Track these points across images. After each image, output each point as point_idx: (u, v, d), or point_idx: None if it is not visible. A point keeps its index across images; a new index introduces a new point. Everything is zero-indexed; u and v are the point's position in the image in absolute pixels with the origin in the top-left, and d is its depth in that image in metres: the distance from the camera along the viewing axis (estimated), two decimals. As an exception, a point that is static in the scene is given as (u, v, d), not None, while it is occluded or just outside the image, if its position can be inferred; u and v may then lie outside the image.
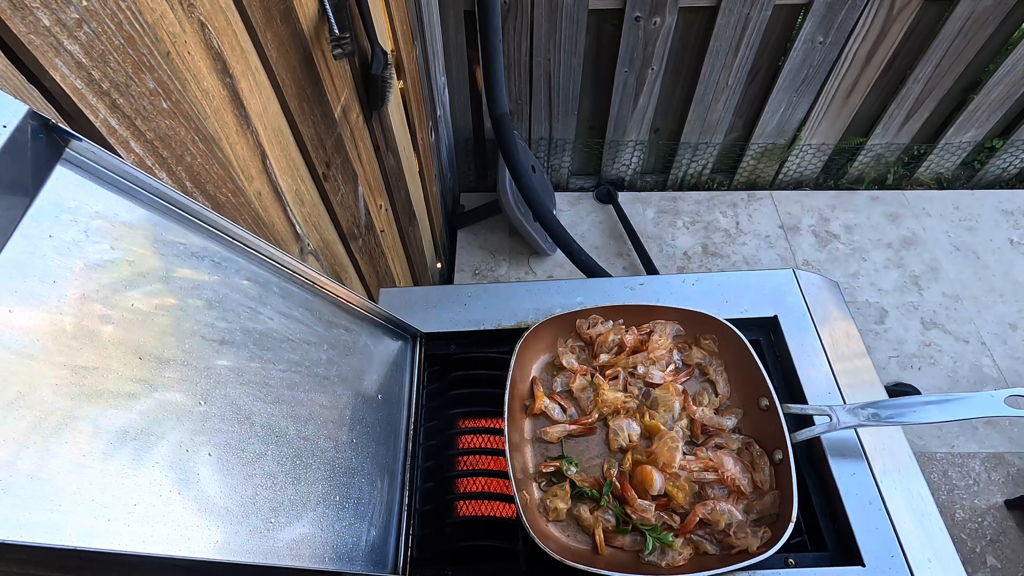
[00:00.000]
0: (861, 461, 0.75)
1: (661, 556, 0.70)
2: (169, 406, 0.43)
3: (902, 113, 2.17)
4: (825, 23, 1.86)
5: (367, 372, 0.71)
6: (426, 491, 0.77)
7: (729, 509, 0.71)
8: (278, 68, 0.75)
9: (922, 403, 0.71)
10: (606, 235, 2.27)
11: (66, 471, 0.35)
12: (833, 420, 0.74)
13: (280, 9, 0.73)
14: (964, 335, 1.97)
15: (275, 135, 0.77)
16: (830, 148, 2.31)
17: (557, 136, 2.23)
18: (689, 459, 0.76)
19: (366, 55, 1.01)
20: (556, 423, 0.82)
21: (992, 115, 2.18)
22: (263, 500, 0.50)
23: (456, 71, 1.99)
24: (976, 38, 1.91)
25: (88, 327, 0.39)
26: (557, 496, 0.75)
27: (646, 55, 1.94)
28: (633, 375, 0.87)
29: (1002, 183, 2.45)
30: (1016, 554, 1.54)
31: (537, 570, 0.71)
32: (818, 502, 0.74)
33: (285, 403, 0.55)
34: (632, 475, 0.76)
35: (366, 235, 1.17)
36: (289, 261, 0.59)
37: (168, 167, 0.55)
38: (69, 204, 0.40)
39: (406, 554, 0.69)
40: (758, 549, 0.67)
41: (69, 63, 0.43)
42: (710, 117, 2.16)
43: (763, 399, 0.79)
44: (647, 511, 0.72)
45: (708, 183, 2.44)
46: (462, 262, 2.20)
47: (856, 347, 0.88)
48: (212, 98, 0.61)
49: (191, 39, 0.57)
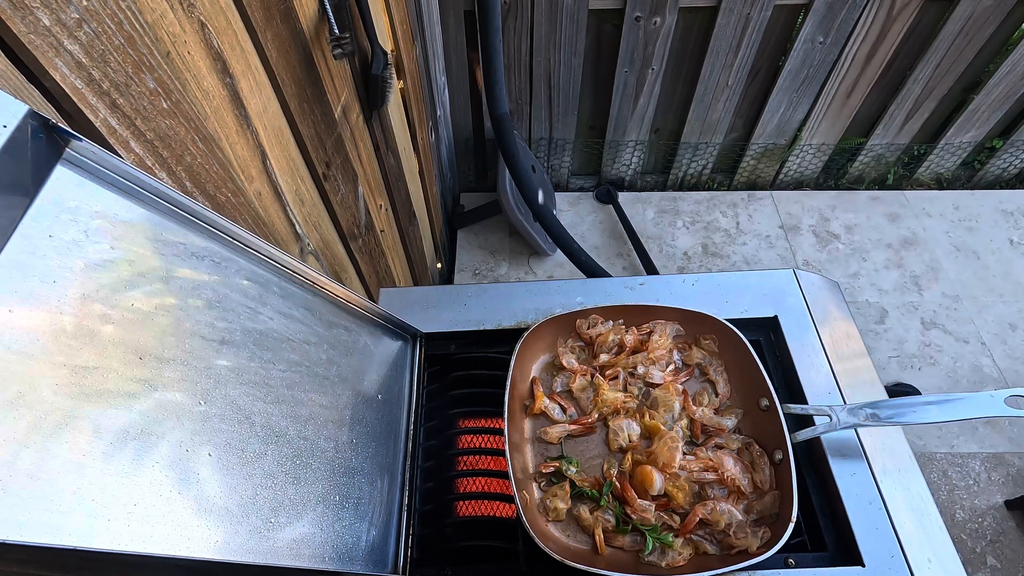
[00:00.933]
0: (861, 461, 0.75)
1: (661, 556, 0.70)
2: (169, 406, 0.43)
3: (902, 113, 2.17)
4: (825, 23, 1.86)
5: (367, 372, 0.71)
6: (426, 491, 0.77)
7: (729, 509, 0.71)
8: (278, 68, 0.75)
9: (922, 403, 0.71)
10: (606, 235, 2.27)
11: (66, 471, 0.35)
12: (833, 420, 0.74)
13: (280, 9, 0.73)
14: (964, 335, 1.97)
15: (275, 135, 0.77)
16: (830, 148, 2.31)
17: (557, 136, 2.23)
18: (689, 459, 0.76)
19: (366, 55, 1.01)
20: (556, 423, 0.82)
21: (992, 115, 2.18)
22: (263, 500, 0.50)
23: (456, 71, 1.99)
24: (976, 38, 1.91)
25: (88, 327, 0.39)
26: (557, 496, 0.75)
27: (646, 55, 1.94)
28: (633, 375, 0.87)
29: (1002, 183, 2.45)
30: (1016, 554, 1.54)
31: (537, 570, 0.71)
32: (818, 502, 0.74)
33: (285, 403, 0.55)
34: (632, 475, 0.76)
35: (366, 235, 1.17)
36: (289, 261, 0.59)
37: (168, 167, 0.55)
38: (69, 204, 0.40)
39: (406, 554, 0.69)
40: (758, 549, 0.67)
41: (69, 63, 0.43)
42: (710, 117, 2.16)
43: (763, 399, 0.79)
44: (647, 511, 0.72)
45: (708, 183, 2.44)
46: (462, 262, 2.20)
47: (856, 347, 0.88)
48: (212, 98, 0.61)
49: (191, 39, 0.57)
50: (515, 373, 0.81)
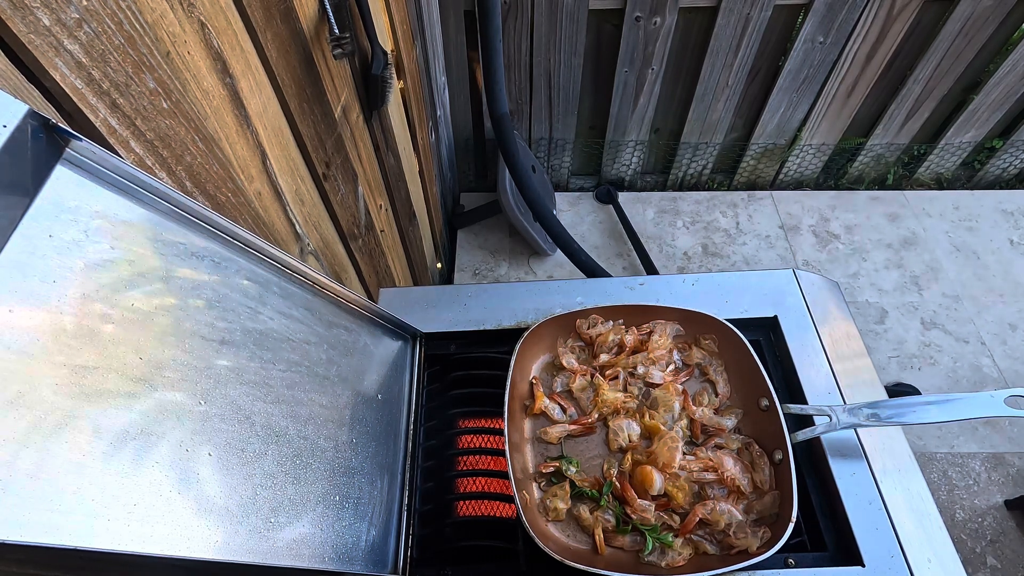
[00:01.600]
0: (861, 461, 0.75)
1: (661, 556, 0.70)
2: (169, 406, 0.43)
3: (902, 113, 2.17)
4: (825, 23, 1.86)
5: (367, 372, 0.71)
6: (426, 491, 0.77)
7: (729, 509, 0.71)
8: (278, 68, 0.75)
9: (922, 403, 0.71)
10: (606, 235, 2.27)
11: (66, 471, 0.35)
12: (833, 420, 0.74)
13: (280, 9, 0.73)
14: (964, 335, 1.97)
15: (275, 135, 0.77)
16: (830, 148, 2.31)
17: (557, 136, 2.23)
18: (689, 459, 0.76)
19: (366, 55, 1.01)
20: (556, 423, 0.82)
21: (992, 115, 2.18)
22: (263, 500, 0.50)
23: (456, 71, 1.99)
24: (976, 38, 1.91)
25: (88, 327, 0.39)
26: (557, 496, 0.75)
27: (646, 55, 1.94)
28: (633, 375, 0.87)
29: (1002, 183, 2.45)
30: (1016, 554, 1.54)
31: (537, 570, 0.71)
32: (818, 502, 0.74)
33: (285, 403, 0.55)
34: (632, 475, 0.76)
35: (366, 235, 1.17)
36: (289, 261, 0.59)
37: (168, 167, 0.55)
38: (69, 204, 0.40)
39: (406, 554, 0.69)
40: (758, 549, 0.67)
41: (69, 63, 0.43)
42: (710, 117, 2.16)
43: (763, 399, 0.79)
44: (647, 511, 0.72)
45: (708, 183, 2.44)
46: (462, 262, 2.20)
47: (856, 347, 0.88)
48: (212, 98, 0.61)
49: (191, 39, 0.57)
50: (515, 373, 0.81)
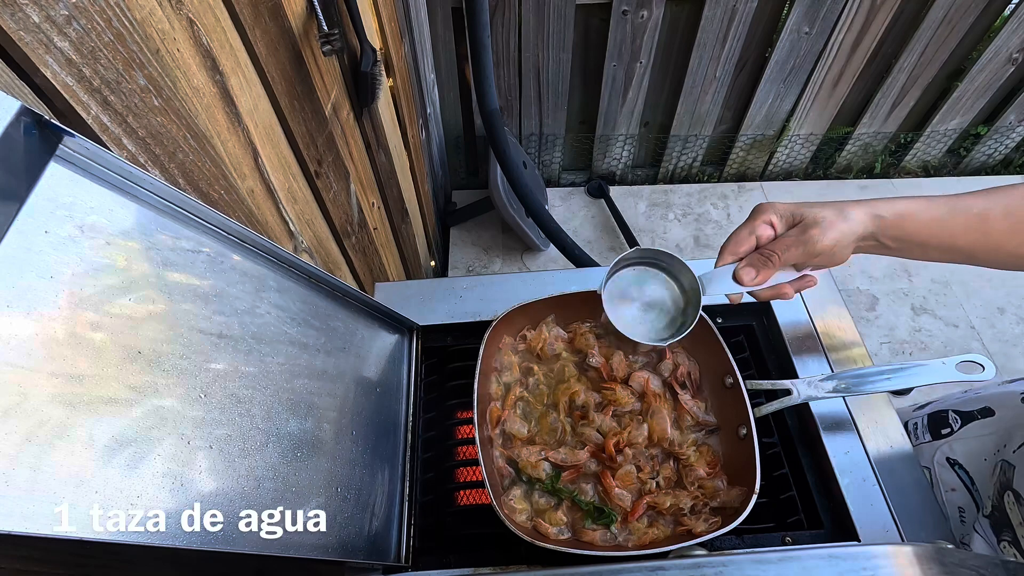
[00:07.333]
0: (855, 440, 0.77)
1: (629, 537, 0.69)
2: (169, 400, 0.44)
3: (888, 102, 2.19)
4: (810, 14, 1.87)
5: (365, 365, 0.71)
6: (426, 481, 0.77)
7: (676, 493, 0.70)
8: (267, 65, 0.75)
9: (878, 373, 0.74)
10: (599, 229, 2.28)
11: (67, 460, 0.36)
12: (795, 394, 0.74)
13: (268, 6, 0.74)
14: (954, 320, 2.00)
15: (266, 132, 0.77)
16: (818, 138, 2.33)
17: (547, 131, 2.23)
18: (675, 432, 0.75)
19: (355, 52, 1.01)
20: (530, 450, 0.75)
21: (976, 102, 2.21)
22: (266, 491, 0.50)
23: (445, 68, 2.00)
24: (959, 26, 1.93)
25: (85, 322, 0.39)
26: (514, 501, 0.72)
27: (634, 49, 1.94)
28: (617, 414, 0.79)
29: (988, 169, 2.48)
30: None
31: (536, 554, 0.71)
32: (814, 481, 0.76)
33: (285, 395, 0.55)
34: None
35: (359, 233, 1.17)
36: (286, 255, 0.59)
37: (161, 164, 0.55)
38: (64, 200, 0.40)
39: (408, 543, 0.70)
40: (715, 524, 0.66)
41: (60, 60, 0.43)
42: (699, 110, 2.18)
43: (727, 377, 0.78)
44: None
45: (698, 176, 2.46)
46: (456, 259, 2.20)
47: (849, 332, 0.89)
48: (203, 95, 0.61)
49: (180, 36, 0.57)
50: (484, 365, 0.76)
